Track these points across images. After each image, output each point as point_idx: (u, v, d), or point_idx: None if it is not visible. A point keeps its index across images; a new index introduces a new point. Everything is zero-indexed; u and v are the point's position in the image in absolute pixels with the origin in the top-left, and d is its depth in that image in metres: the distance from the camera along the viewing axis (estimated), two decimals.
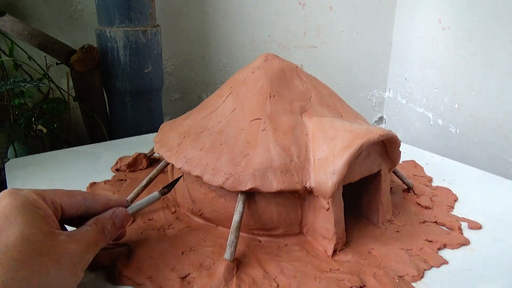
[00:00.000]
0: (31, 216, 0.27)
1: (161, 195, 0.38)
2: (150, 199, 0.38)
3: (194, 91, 1.03)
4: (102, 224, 0.32)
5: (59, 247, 0.27)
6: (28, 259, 0.25)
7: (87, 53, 0.72)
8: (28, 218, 0.27)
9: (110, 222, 0.33)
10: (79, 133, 0.87)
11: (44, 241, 0.27)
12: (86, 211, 0.33)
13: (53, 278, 0.26)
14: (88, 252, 0.30)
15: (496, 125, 0.96)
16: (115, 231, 0.33)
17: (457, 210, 0.47)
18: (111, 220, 0.33)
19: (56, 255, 0.27)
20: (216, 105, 0.44)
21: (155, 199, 0.38)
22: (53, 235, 0.28)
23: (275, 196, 0.37)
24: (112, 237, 0.33)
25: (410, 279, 0.34)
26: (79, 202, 0.33)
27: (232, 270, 0.34)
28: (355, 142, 0.35)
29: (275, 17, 1.06)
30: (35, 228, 0.27)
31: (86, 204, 0.33)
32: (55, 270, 0.26)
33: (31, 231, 0.27)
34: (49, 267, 0.26)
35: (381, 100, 1.34)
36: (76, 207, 0.32)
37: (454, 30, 1.04)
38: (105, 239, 0.32)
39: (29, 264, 0.25)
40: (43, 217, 0.28)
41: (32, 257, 0.25)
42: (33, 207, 0.28)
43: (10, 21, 0.72)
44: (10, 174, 0.54)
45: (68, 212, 0.32)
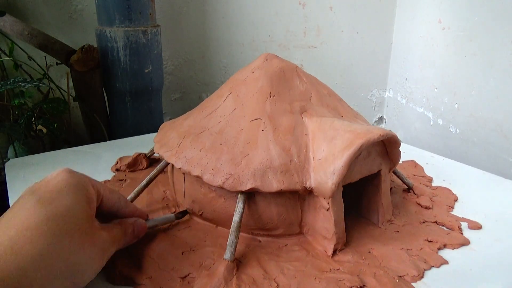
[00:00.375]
0: (80, 196, 0.30)
1: (175, 219, 0.41)
2: (166, 219, 0.41)
3: (194, 91, 1.03)
4: (125, 227, 0.35)
5: (95, 231, 0.30)
6: (71, 231, 0.28)
7: (87, 53, 0.72)
8: (77, 196, 0.30)
9: (131, 228, 0.35)
10: (79, 133, 0.87)
11: (86, 221, 0.29)
12: (117, 211, 0.36)
13: (86, 255, 0.28)
14: (113, 245, 0.32)
15: (496, 125, 0.96)
16: (132, 238, 0.36)
17: (457, 210, 0.47)
18: (133, 226, 0.35)
19: (92, 237, 0.29)
20: (216, 105, 0.44)
21: (171, 220, 0.41)
22: (92, 219, 0.31)
23: (275, 196, 0.37)
24: (127, 243, 0.35)
25: (410, 279, 0.34)
26: (115, 200, 0.35)
27: (232, 270, 0.34)
28: (355, 142, 0.35)
29: (275, 17, 1.06)
30: (81, 207, 0.30)
31: (120, 205, 0.36)
32: (89, 249, 0.29)
33: (78, 208, 0.29)
34: (85, 245, 0.28)
35: (381, 100, 1.34)
36: (111, 204, 0.35)
37: (454, 30, 1.04)
38: (124, 241, 0.34)
39: (71, 236, 0.28)
40: (89, 200, 0.31)
41: (74, 231, 0.28)
42: (84, 189, 0.31)
43: (10, 21, 0.72)
44: (10, 174, 0.54)
45: (104, 206, 0.34)
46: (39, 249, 0.25)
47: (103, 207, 0.34)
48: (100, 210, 0.34)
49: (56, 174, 0.31)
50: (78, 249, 0.28)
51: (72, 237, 0.28)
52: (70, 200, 0.29)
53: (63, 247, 0.27)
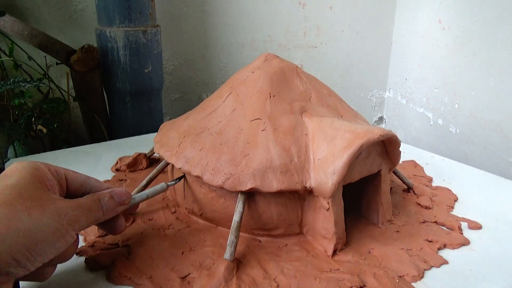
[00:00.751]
0: (28, 174, 0.29)
1: (167, 186, 0.39)
2: (156, 189, 0.38)
3: (194, 91, 1.03)
4: (98, 196, 0.32)
5: (46, 199, 0.28)
6: (11, 200, 0.27)
7: (87, 53, 0.72)
8: (24, 174, 0.29)
9: (107, 195, 0.33)
10: (79, 133, 0.87)
11: (31, 190, 0.28)
12: (91, 190, 0.34)
13: (34, 220, 0.27)
14: (76, 210, 0.30)
15: (496, 125, 0.96)
16: (113, 204, 0.33)
17: (457, 210, 0.47)
18: (109, 194, 0.33)
19: (41, 203, 0.28)
20: (216, 105, 0.44)
21: (162, 190, 0.38)
22: (43, 190, 0.29)
23: (275, 196, 0.37)
24: (111, 211, 0.33)
25: (410, 279, 0.34)
26: (83, 179, 0.34)
27: (232, 270, 0.34)
28: (355, 142, 0.35)
29: (275, 17, 1.06)
30: (26, 180, 0.29)
31: (90, 183, 0.34)
32: (38, 214, 0.27)
33: (23, 182, 0.28)
34: (31, 210, 0.27)
35: (381, 100, 1.34)
36: (80, 182, 0.34)
37: (454, 30, 1.04)
38: (100, 209, 0.32)
39: (11, 204, 0.27)
40: (40, 177, 0.30)
41: (16, 200, 0.27)
42: (33, 169, 0.30)
43: (10, 21, 0.72)
44: None
45: (72, 186, 0.33)
46: None
47: (71, 187, 0.33)
48: (71, 192, 0.33)
49: (9, 167, 0.31)
50: (24, 214, 0.27)
51: (14, 205, 0.27)
52: (14, 178, 0.29)
53: (2, 214, 0.26)
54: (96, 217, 0.32)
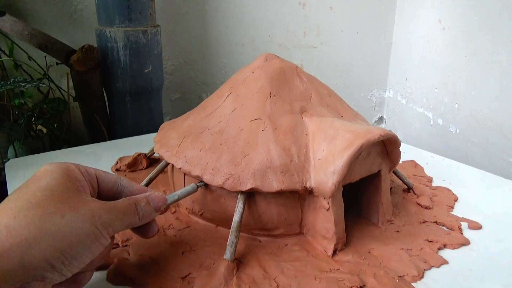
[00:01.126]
0: (59, 175, 0.28)
1: (197, 187, 0.38)
2: (187, 190, 0.37)
3: (194, 91, 1.03)
4: (135, 200, 0.31)
5: (79, 200, 0.27)
6: (44, 203, 0.26)
7: (87, 53, 0.72)
8: (56, 176, 0.28)
9: (144, 200, 0.32)
10: (79, 133, 0.87)
11: (64, 192, 0.27)
12: (122, 191, 0.33)
13: (67, 221, 0.26)
14: (111, 212, 0.29)
15: (496, 125, 0.96)
16: (149, 210, 0.32)
17: (457, 210, 0.47)
18: (145, 199, 0.32)
19: (74, 204, 0.27)
20: (216, 105, 0.44)
21: (192, 190, 0.38)
22: (76, 191, 0.28)
23: (275, 196, 0.37)
24: (147, 217, 0.32)
25: (410, 279, 0.34)
26: (115, 179, 0.33)
27: (232, 270, 0.34)
28: (355, 142, 0.35)
29: (275, 17, 1.06)
30: (58, 182, 0.28)
31: (122, 182, 0.33)
32: (71, 215, 0.26)
33: (55, 184, 0.28)
34: (65, 211, 0.26)
35: (381, 100, 1.34)
36: (111, 183, 0.33)
37: (454, 30, 1.04)
38: (136, 214, 0.31)
39: (44, 206, 0.26)
40: (73, 180, 0.29)
41: (49, 202, 0.26)
42: (65, 170, 0.29)
43: (10, 21, 0.72)
44: (10, 174, 0.54)
45: (104, 186, 0.32)
46: (4, 222, 0.24)
47: (103, 188, 0.32)
48: (103, 192, 0.32)
49: (38, 170, 0.30)
50: (57, 216, 0.25)
51: (46, 207, 0.26)
52: (46, 180, 0.28)
53: (34, 216, 0.25)
54: (132, 222, 0.31)
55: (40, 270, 0.24)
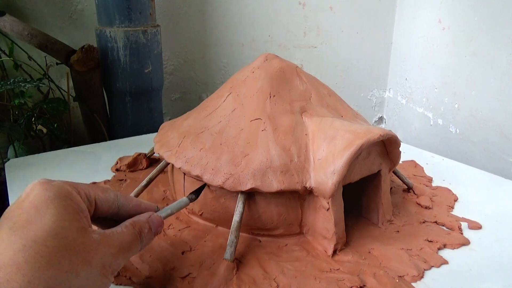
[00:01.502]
0: (63, 209, 0.25)
1: (189, 201, 0.36)
2: (179, 204, 0.35)
3: (194, 91, 1.03)
4: (139, 227, 0.29)
5: (90, 247, 0.25)
6: (57, 257, 0.23)
7: (87, 53, 0.72)
8: (60, 211, 0.25)
9: (147, 226, 0.29)
10: (79, 133, 0.87)
11: (75, 238, 0.24)
12: (118, 210, 0.30)
13: (82, 280, 0.24)
14: (119, 256, 0.27)
15: (496, 125, 0.96)
16: (151, 236, 0.30)
17: (457, 210, 0.47)
18: (148, 224, 0.30)
19: (87, 255, 0.24)
20: (216, 105, 0.44)
21: (185, 204, 0.36)
22: (85, 232, 0.25)
23: (275, 196, 0.37)
24: (147, 243, 0.30)
25: (410, 279, 0.34)
26: (112, 199, 0.30)
27: (232, 270, 0.34)
28: (355, 142, 0.35)
29: (275, 17, 1.06)
30: (67, 222, 0.24)
31: (119, 202, 0.30)
32: (85, 272, 0.24)
33: (63, 225, 0.24)
34: (79, 268, 0.24)
35: (381, 100, 1.34)
36: (109, 204, 0.30)
37: (454, 30, 1.04)
38: (140, 244, 0.29)
39: (58, 263, 0.23)
40: (76, 211, 0.26)
41: (61, 255, 0.23)
42: (67, 199, 0.26)
43: (10, 21, 0.72)
44: (10, 174, 0.54)
45: (101, 209, 0.29)
46: (18, 286, 0.21)
47: (100, 211, 0.29)
48: (98, 214, 0.29)
49: (29, 190, 0.26)
50: (72, 275, 0.23)
51: (61, 264, 0.23)
52: (51, 218, 0.24)
53: (50, 278, 0.22)
54: (135, 252, 0.29)
55: None
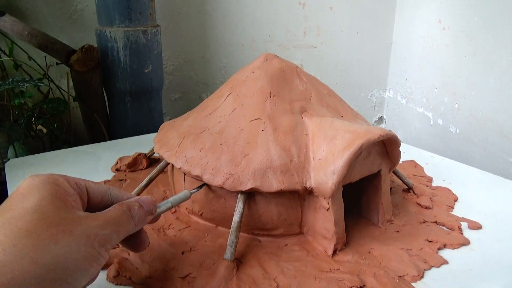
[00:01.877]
0: (47, 191, 0.26)
1: (190, 194, 0.37)
2: (181, 197, 0.36)
3: (194, 91, 1.03)
4: (127, 205, 0.29)
5: (73, 220, 0.25)
6: (35, 228, 0.24)
7: (87, 53, 0.72)
8: (43, 193, 0.26)
9: (136, 204, 0.30)
10: (79, 133, 0.87)
11: (55, 213, 0.25)
12: (112, 201, 0.31)
13: (62, 248, 0.24)
14: (107, 227, 0.27)
15: (496, 125, 0.96)
16: (143, 213, 0.30)
17: (457, 210, 0.47)
18: (137, 202, 0.30)
19: (68, 226, 0.25)
20: (216, 105, 0.44)
21: (185, 197, 0.36)
22: (68, 209, 0.26)
23: (275, 196, 0.37)
24: (141, 221, 0.30)
25: (410, 279, 0.34)
26: (105, 189, 0.31)
27: (232, 270, 0.34)
28: (355, 142, 0.35)
29: (275, 17, 1.06)
30: (47, 201, 0.25)
31: (112, 194, 0.31)
32: (65, 240, 0.24)
33: (43, 203, 0.25)
34: (58, 237, 0.24)
35: (381, 100, 1.34)
36: (102, 193, 0.31)
37: (454, 30, 1.04)
38: (131, 220, 0.29)
39: (34, 232, 0.23)
40: (62, 194, 0.27)
41: (38, 226, 0.24)
42: (52, 184, 0.27)
43: (10, 21, 0.72)
44: (10, 174, 0.54)
45: (94, 198, 0.30)
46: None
47: (93, 199, 0.30)
48: (92, 205, 0.30)
49: (20, 183, 0.27)
50: (50, 242, 0.23)
51: (37, 234, 0.23)
52: (32, 199, 0.25)
53: (26, 246, 0.23)
54: (128, 229, 0.29)
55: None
